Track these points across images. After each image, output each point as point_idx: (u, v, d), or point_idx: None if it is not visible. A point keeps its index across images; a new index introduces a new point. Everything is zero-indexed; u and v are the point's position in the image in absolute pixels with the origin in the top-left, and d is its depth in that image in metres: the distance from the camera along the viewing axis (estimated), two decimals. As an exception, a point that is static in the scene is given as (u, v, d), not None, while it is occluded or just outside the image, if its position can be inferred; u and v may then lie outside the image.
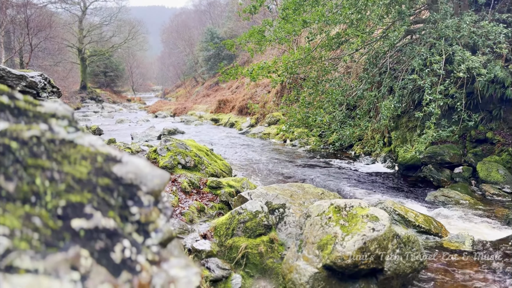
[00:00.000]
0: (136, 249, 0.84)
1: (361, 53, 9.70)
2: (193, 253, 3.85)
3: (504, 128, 8.93)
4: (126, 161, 0.97)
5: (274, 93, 18.96)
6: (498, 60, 8.38)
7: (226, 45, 9.37)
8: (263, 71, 8.48)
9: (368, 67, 9.32)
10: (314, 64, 9.67)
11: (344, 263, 3.10)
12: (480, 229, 5.66)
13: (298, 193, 5.54)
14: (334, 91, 9.05)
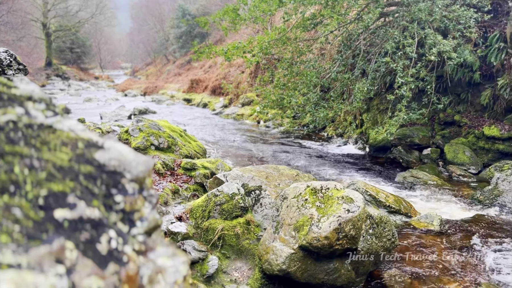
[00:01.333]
0: (122, 239, 0.80)
1: (335, 35, 9.71)
2: (168, 235, 3.82)
3: (471, 111, 9.24)
4: (108, 147, 0.92)
5: (248, 73, 18.82)
6: (467, 45, 8.60)
7: (199, 23, 9.15)
8: (238, 51, 8.36)
9: (342, 49, 9.36)
10: (289, 45, 9.61)
11: (319, 244, 3.15)
12: (447, 209, 5.89)
13: (274, 175, 5.57)
14: (308, 72, 9.05)
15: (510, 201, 5.88)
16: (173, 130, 7.20)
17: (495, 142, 8.41)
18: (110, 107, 17.86)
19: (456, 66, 8.58)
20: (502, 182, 6.26)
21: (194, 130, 12.34)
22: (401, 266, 3.90)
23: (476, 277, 3.73)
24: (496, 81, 8.60)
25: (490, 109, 8.89)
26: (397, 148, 9.07)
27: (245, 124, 14.64)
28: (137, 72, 55.79)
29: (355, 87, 8.09)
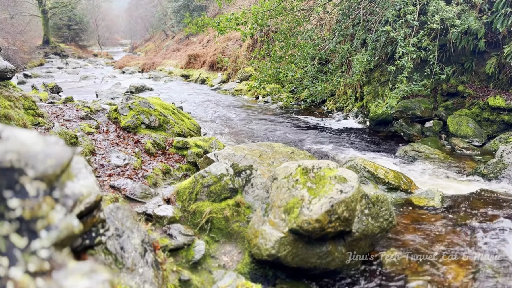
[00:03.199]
0: (8, 260, 0.58)
1: (334, 4, 9.28)
2: (154, 219, 3.65)
3: (475, 81, 8.91)
4: (7, 136, 0.69)
5: (246, 47, 18.34)
6: (472, 11, 8.18)
7: (191, -5, 8.73)
8: (231, 23, 7.99)
9: (341, 18, 8.95)
10: (285, 16, 9.21)
11: (310, 227, 2.96)
12: (449, 184, 5.69)
13: (267, 153, 5.35)
14: (306, 44, 8.69)
15: (514, 175, 5.66)
16: (165, 108, 6.96)
17: (500, 113, 8.12)
18: (106, 85, 17.54)
19: (460, 34, 8.18)
20: (507, 154, 6.02)
21: (191, 107, 12.08)
22: (399, 246, 3.73)
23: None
24: (502, 49, 8.22)
25: (496, 78, 8.55)
26: (398, 121, 8.80)
27: (244, 100, 14.34)
28: (136, 49, 54.99)
29: (354, 59, 7.76)
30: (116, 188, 4.31)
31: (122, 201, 4.09)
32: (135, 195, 4.23)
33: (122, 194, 4.27)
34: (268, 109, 12.41)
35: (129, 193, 4.24)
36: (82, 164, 2.20)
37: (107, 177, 4.54)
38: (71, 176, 2.20)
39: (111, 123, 6.24)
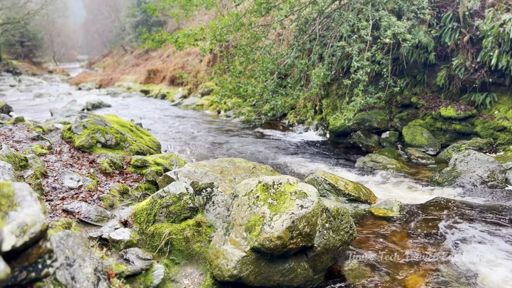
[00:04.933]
0: None
1: (291, 20, 9.46)
2: (110, 244, 3.48)
3: (427, 92, 9.30)
4: None
5: (206, 62, 18.32)
6: (421, 25, 8.59)
7: (148, 10, 8.64)
8: (189, 38, 7.95)
9: (298, 34, 9.13)
10: (244, 31, 9.29)
11: (272, 245, 2.92)
12: (407, 193, 5.85)
13: (229, 169, 5.30)
14: (265, 59, 8.78)
15: (468, 182, 5.91)
16: (122, 125, 6.76)
17: (452, 123, 8.51)
18: (61, 103, 16.91)
19: (411, 48, 8.56)
20: (460, 163, 6.29)
21: (151, 123, 11.84)
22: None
23: (435, 263, 3.65)
24: (451, 61, 8.67)
25: (446, 89, 8.98)
26: (356, 133, 9.02)
27: (205, 115, 14.26)
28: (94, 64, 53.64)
29: (312, 73, 7.91)
30: (70, 212, 4.10)
31: (75, 226, 3.89)
32: (90, 219, 4.04)
33: (76, 218, 4.07)
34: (230, 124, 12.38)
35: (83, 216, 4.04)
36: (26, 191, 2.06)
37: (60, 200, 4.32)
38: (14, 204, 2.05)
39: (64, 143, 5.98)
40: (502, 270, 3.52)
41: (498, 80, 8.20)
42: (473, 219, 4.63)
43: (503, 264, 3.63)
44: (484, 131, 8.07)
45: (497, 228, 4.39)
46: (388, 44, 7.98)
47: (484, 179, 5.88)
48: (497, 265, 3.60)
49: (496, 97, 8.30)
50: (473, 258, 3.73)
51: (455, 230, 4.35)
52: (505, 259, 3.71)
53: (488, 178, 5.87)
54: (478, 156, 6.24)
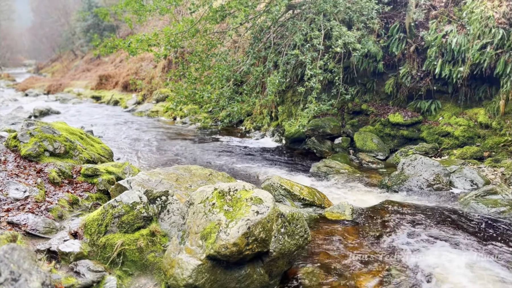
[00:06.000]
0: None
1: (246, 27, 9.55)
2: (59, 256, 3.33)
3: (376, 100, 9.70)
4: None
5: (161, 67, 18.03)
6: (371, 35, 8.96)
7: (99, 14, 8.40)
8: (143, 44, 7.80)
9: (253, 41, 9.23)
10: (199, 38, 9.25)
11: (228, 252, 2.92)
12: (358, 197, 6.04)
13: (185, 176, 5.24)
14: (221, 66, 8.79)
15: (415, 185, 6.20)
16: (72, 133, 6.50)
17: (400, 128, 8.91)
18: (6, 110, 16.00)
19: (361, 57, 8.90)
20: (407, 167, 6.59)
21: (102, 131, 11.47)
22: (315, 261, 3.84)
23: (386, 264, 3.79)
24: (398, 70, 9.10)
25: (394, 97, 9.40)
26: (311, 139, 9.22)
27: (161, 121, 14.01)
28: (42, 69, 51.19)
29: (267, 80, 8.02)
30: (15, 224, 3.88)
31: (21, 239, 3.69)
32: (37, 231, 3.84)
33: (22, 231, 3.86)
34: (187, 131, 12.25)
35: (30, 229, 3.84)
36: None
37: (5, 212, 4.08)
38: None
39: (9, 152, 5.66)
40: (448, 269, 3.72)
41: (441, 88, 8.70)
42: (420, 221, 4.86)
43: (448, 262, 3.84)
44: (429, 136, 8.53)
45: (443, 229, 4.64)
46: (340, 53, 8.25)
47: (430, 182, 6.20)
48: (443, 264, 3.80)
49: (440, 104, 8.80)
50: (421, 258, 3.92)
51: (404, 232, 4.55)
52: (450, 259, 3.92)
53: (433, 181, 6.20)
54: (424, 160, 6.57)
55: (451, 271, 3.68)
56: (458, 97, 8.59)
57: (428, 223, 4.79)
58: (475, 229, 4.66)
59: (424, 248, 4.12)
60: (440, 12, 8.55)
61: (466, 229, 4.64)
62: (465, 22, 8.01)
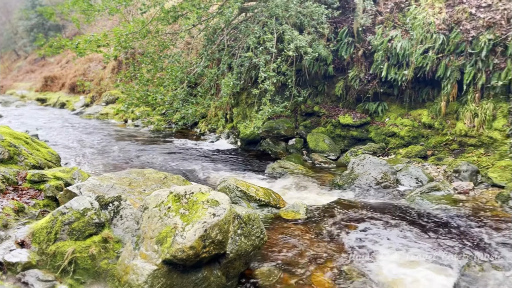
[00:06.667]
0: None
1: (199, 29, 9.51)
2: (5, 267, 3.16)
3: (328, 102, 10.00)
4: None
5: (111, 68, 17.49)
6: (321, 40, 9.22)
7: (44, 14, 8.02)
8: (92, 44, 7.54)
9: (207, 43, 9.21)
10: (151, 39, 9.09)
11: (185, 255, 2.91)
12: (312, 196, 6.20)
13: (138, 180, 5.13)
14: (174, 67, 8.68)
15: (364, 183, 6.46)
16: (16, 137, 6.16)
17: (350, 129, 9.24)
18: None
19: (312, 60, 9.15)
20: (357, 166, 6.85)
21: (49, 135, 10.94)
22: (271, 260, 3.90)
23: (340, 261, 3.93)
24: (348, 73, 9.44)
25: (344, 99, 9.74)
26: (265, 140, 9.35)
27: (111, 124, 13.59)
28: (-20, 70, 47.87)
29: (221, 82, 8.03)
30: (-48, 236, 3.63)
31: (-40, 252, 3.46)
32: (-22, 243, 3.61)
33: (-40, 243, 3.61)
34: (139, 133, 11.97)
35: (-30, 240, 3.61)
36: None
37: None
38: None
39: None
40: (396, 264, 3.92)
41: (388, 90, 9.13)
42: (370, 218, 5.08)
43: (396, 256, 4.05)
44: (377, 136, 8.92)
45: (391, 224, 4.88)
46: (292, 57, 8.43)
47: (379, 180, 6.49)
48: (392, 260, 4.00)
49: (387, 105, 9.24)
50: (371, 253, 4.10)
51: (355, 228, 4.74)
52: (397, 252, 4.14)
53: (382, 180, 6.50)
54: (373, 159, 6.87)
55: (397, 262, 3.89)
56: (403, 99, 9.06)
57: (377, 219, 5.02)
58: (421, 223, 4.94)
59: (373, 244, 4.32)
60: (385, 18, 8.98)
61: (412, 224, 4.91)
62: (408, 28, 8.47)
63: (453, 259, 3.97)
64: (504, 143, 7.26)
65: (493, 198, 5.89)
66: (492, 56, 7.55)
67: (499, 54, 7.48)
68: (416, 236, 4.51)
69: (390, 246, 4.26)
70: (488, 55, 7.55)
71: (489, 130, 7.52)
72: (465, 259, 3.94)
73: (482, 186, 6.55)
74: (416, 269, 3.78)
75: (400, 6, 9.03)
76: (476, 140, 7.65)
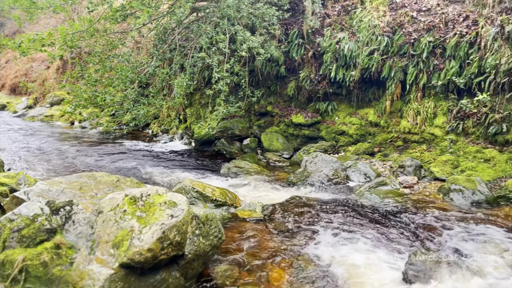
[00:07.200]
0: None
1: (150, 28, 9.35)
2: None
3: (280, 102, 10.20)
4: None
5: (55, 69, 16.70)
6: (272, 41, 9.39)
7: (-19, 10, 7.53)
8: (36, 44, 7.19)
9: (158, 43, 9.08)
10: (99, 38, 8.81)
11: (142, 258, 2.89)
12: (267, 194, 6.32)
13: (90, 184, 4.98)
14: (123, 67, 8.47)
15: (317, 180, 6.68)
16: (-48, 143, 5.76)
17: (302, 128, 9.49)
18: None
19: (264, 61, 9.29)
20: (310, 164, 7.06)
21: (-11, 139, 10.28)
22: (229, 259, 3.95)
23: (295, 255, 4.05)
24: (299, 74, 9.68)
25: (296, 99, 9.98)
26: (220, 140, 9.37)
27: (57, 127, 12.99)
28: None
29: (174, 82, 7.95)
30: None
31: None
32: None
33: None
34: (87, 136, 11.55)
35: None
36: None
37: None
38: None
39: None
40: (349, 255, 4.11)
41: (337, 91, 9.47)
42: (323, 213, 5.27)
43: (347, 247, 4.24)
44: (328, 135, 9.23)
45: (342, 218, 5.09)
46: (245, 57, 8.52)
47: (330, 177, 6.73)
48: (342, 249, 4.19)
49: (336, 105, 9.58)
50: (324, 246, 4.27)
51: (309, 224, 4.90)
52: (348, 244, 4.33)
53: (333, 176, 6.74)
54: (324, 157, 7.11)
55: (349, 254, 4.08)
56: (351, 98, 9.44)
57: (329, 214, 5.22)
58: (370, 216, 5.20)
59: (326, 237, 4.49)
60: (333, 20, 9.30)
61: (363, 217, 5.15)
62: (355, 30, 8.83)
63: (401, 249, 4.23)
64: (444, 139, 7.79)
65: (435, 191, 6.31)
66: (432, 57, 8.06)
67: (439, 55, 8.01)
68: (367, 229, 4.74)
69: (343, 238, 4.46)
70: (429, 56, 8.06)
71: (431, 127, 8.03)
72: (411, 248, 4.21)
73: (425, 180, 6.99)
74: (368, 259, 3.99)
75: (347, 9, 9.40)
76: (419, 137, 8.14)
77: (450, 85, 7.94)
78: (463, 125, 7.62)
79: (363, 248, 4.24)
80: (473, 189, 5.86)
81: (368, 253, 4.14)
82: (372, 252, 4.16)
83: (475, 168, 6.89)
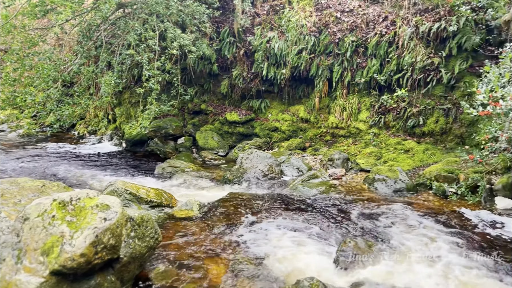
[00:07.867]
0: None
1: (73, 25, 8.86)
2: None
3: (214, 100, 10.22)
4: None
5: (-35, 67, 15.18)
6: (204, 39, 9.37)
7: None
8: None
9: (82, 40, 8.64)
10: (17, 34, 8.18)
11: (76, 263, 2.78)
12: (204, 193, 6.33)
13: (12, 190, 4.65)
14: (45, 66, 7.95)
15: (253, 176, 6.81)
16: None
17: (237, 126, 9.59)
18: None
19: (197, 59, 9.25)
20: (245, 160, 7.18)
21: None
22: (166, 259, 3.92)
23: (233, 251, 4.13)
24: (231, 72, 9.76)
25: (230, 97, 10.06)
26: (153, 140, 9.17)
27: (-31, 131, 11.85)
28: None
29: (101, 81, 7.64)
30: None
31: None
32: None
33: None
34: (6, 139, 10.68)
35: None
36: None
37: None
38: None
39: None
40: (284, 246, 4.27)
41: (269, 88, 9.71)
42: (259, 207, 5.40)
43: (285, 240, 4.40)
44: (262, 132, 9.43)
45: (278, 211, 5.26)
46: (176, 55, 8.41)
47: (265, 172, 6.90)
48: (281, 243, 4.34)
49: (269, 102, 9.81)
50: (262, 240, 4.39)
51: (247, 219, 5.00)
52: (286, 237, 4.50)
53: (268, 172, 6.92)
54: (259, 153, 7.27)
55: (286, 246, 4.24)
56: (282, 96, 9.72)
57: (266, 208, 5.36)
58: (303, 208, 5.42)
59: (263, 230, 4.63)
60: (263, 20, 9.51)
61: (297, 209, 5.37)
62: (284, 30, 9.11)
63: (333, 237, 4.48)
64: (368, 133, 8.32)
65: (361, 181, 6.74)
66: (356, 56, 8.57)
67: (361, 54, 8.53)
68: (301, 220, 4.95)
69: (279, 231, 4.62)
70: (352, 55, 8.55)
71: (356, 122, 8.54)
72: (342, 236, 4.48)
73: (352, 172, 7.43)
74: (303, 249, 4.18)
75: (275, 9, 9.65)
76: (346, 131, 8.62)
77: (372, 82, 8.50)
78: (385, 119, 8.21)
79: (299, 239, 4.43)
80: (395, 178, 6.35)
81: (303, 243, 4.33)
82: (307, 241, 4.37)
83: (396, 158, 7.46)
